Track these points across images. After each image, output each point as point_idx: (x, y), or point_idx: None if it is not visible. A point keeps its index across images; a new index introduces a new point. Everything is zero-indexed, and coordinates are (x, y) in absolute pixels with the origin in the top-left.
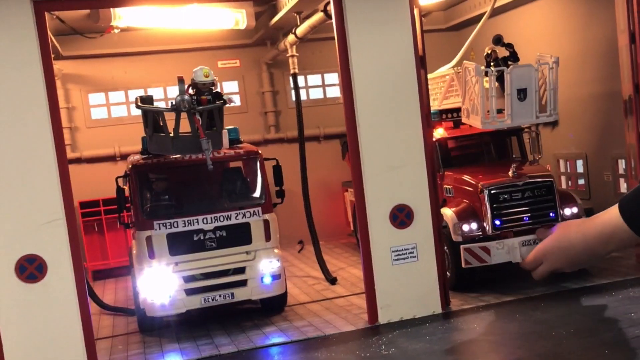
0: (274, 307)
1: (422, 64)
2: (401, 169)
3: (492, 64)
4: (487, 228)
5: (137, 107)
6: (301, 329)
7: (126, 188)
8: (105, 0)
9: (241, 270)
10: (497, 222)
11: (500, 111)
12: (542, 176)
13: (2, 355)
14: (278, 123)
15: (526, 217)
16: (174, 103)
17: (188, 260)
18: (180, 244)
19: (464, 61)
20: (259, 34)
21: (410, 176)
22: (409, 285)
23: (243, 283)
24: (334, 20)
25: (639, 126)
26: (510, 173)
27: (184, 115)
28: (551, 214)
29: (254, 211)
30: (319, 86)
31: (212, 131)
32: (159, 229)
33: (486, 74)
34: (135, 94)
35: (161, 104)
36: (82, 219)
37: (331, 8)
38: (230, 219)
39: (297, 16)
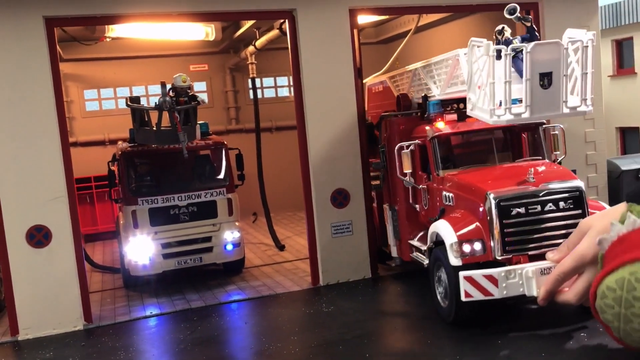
0: (234, 269)
1: (359, 74)
2: (341, 160)
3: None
4: (495, 250)
5: (127, 105)
6: (256, 288)
7: (115, 169)
8: (103, 18)
9: (208, 239)
10: (508, 243)
11: (516, 102)
12: (569, 182)
13: (14, 305)
14: (238, 116)
15: (547, 236)
16: (157, 103)
17: (165, 230)
18: (159, 217)
19: (472, 38)
20: (224, 44)
21: (348, 166)
22: (345, 254)
23: (210, 249)
24: (288, 37)
25: None
26: (527, 177)
27: (165, 112)
28: None
29: (219, 191)
30: (272, 87)
31: (187, 126)
32: (142, 204)
33: (499, 53)
34: (122, 91)
35: (144, 101)
36: (77, 192)
37: (286, 27)
38: (200, 197)
39: (257, 31)
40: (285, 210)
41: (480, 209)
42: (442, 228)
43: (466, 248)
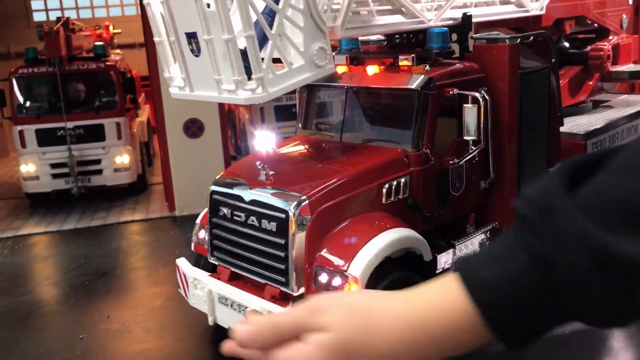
0: None
1: None
2: None
3: None
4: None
5: None
6: None
7: None
8: None
9: None
10: (214, 247)
11: None
12: (277, 199)
13: (172, 187)
14: None
15: (247, 258)
16: None
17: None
18: (282, 114)
19: None
20: None
21: None
22: None
23: None
24: None
25: None
26: (262, 174)
27: None
28: (280, 275)
29: None
30: None
31: None
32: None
33: None
34: None
35: None
36: None
37: None
38: None
39: None
40: None
41: None
42: None
43: (201, 234)
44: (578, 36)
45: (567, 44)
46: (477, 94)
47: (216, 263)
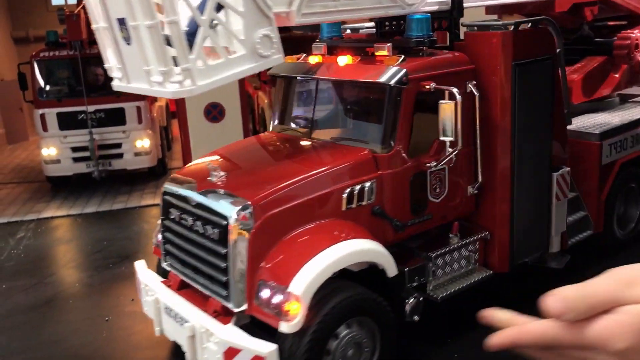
0: None
1: None
2: None
3: None
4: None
5: None
6: None
7: None
8: None
9: None
10: (167, 252)
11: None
12: (220, 203)
13: None
14: None
15: (193, 266)
16: None
17: None
18: None
19: None
20: None
21: None
22: None
23: None
24: None
25: None
26: (212, 175)
27: None
28: (222, 288)
29: None
30: None
31: None
32: None
33: None
34: None
35: None
36: None
37: None
38: None
39: None
40: None
41: None
42: None
43: (160, 235)
44: (607, 23)
45: (590, 32)
46: (453, 89)
47: (168, 269)
